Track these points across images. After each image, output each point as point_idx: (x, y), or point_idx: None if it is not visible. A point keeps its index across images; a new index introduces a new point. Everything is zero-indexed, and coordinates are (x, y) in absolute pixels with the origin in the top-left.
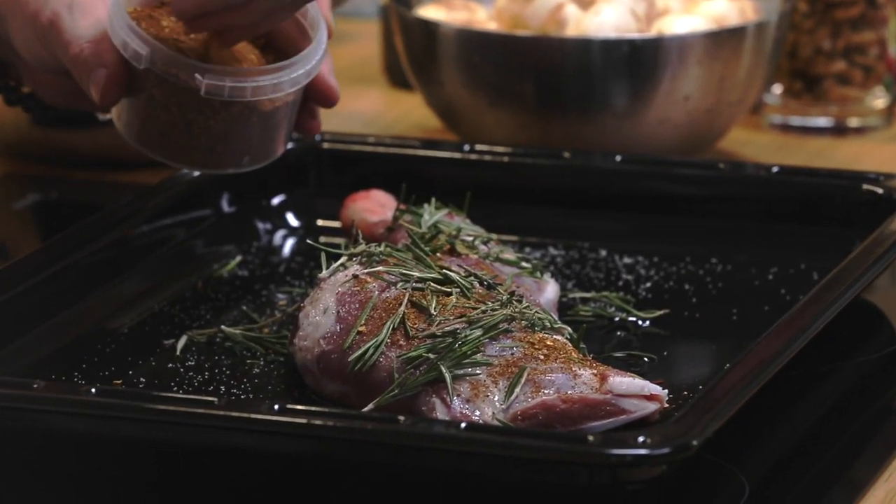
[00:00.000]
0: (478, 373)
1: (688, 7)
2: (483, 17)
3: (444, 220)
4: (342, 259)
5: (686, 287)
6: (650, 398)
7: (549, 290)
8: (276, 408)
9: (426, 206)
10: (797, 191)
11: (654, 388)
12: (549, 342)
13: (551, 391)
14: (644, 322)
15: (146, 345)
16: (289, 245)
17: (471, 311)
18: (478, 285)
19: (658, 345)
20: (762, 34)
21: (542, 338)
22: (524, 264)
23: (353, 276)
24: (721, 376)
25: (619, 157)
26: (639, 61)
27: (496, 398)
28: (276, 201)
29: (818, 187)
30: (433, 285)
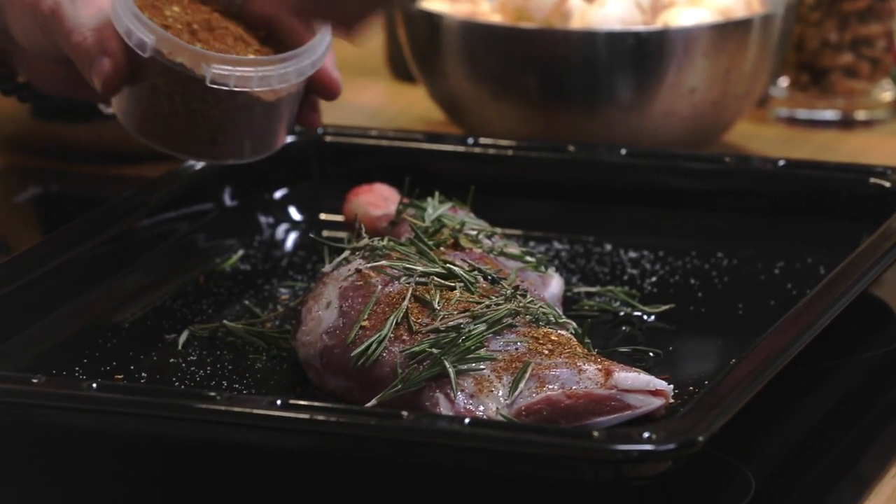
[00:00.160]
0: (482, 368)
1: None
2: (487, 10)
3: (447, 214)
4: (345, 253)
5: (692, 281)
6: (655, 393)
7: (554, 284)
8: (279, 403)
9: (429, 199)
10: (804, 184)
11: (660, 384)
12: (553, 337)
13: (556, 386)
14: (649, 317)
15: (148, 339)
16: (291, 239)
17: (475, 306)
18: (482, 280)
19: (663, 340)
20: (768, 26)
21: (547, 333)
22: (528, 258)
23: (357, 271)
24: (727, 371)
25: (623, 151)
26: (644, 54)
27: (500, 393)
28: (278, 195)
29: (825, 181)
30: (437, 280)
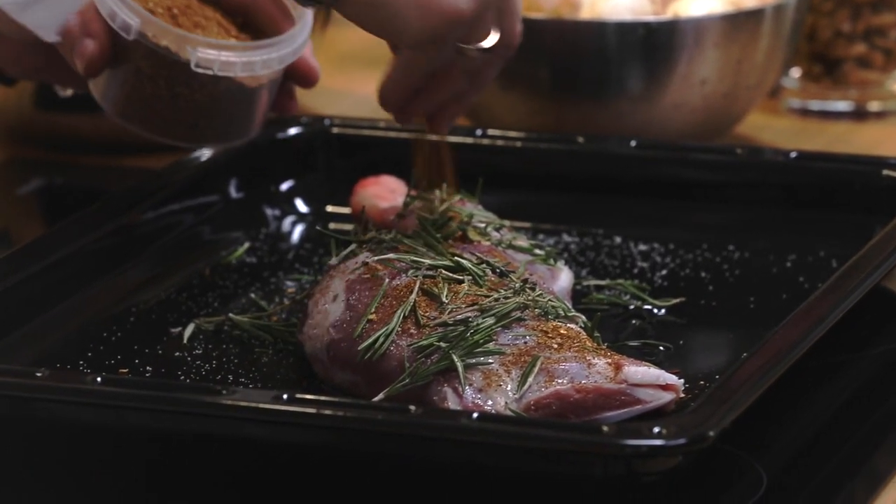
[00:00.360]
0: (490, 362)
1: None
2: None
3: (455, 207)
4: (352, 246)
5: (702, 275)
6: (666, 388)
7: (563, 277)
8: (285, 397)
9: (437, 191)
10: (816, 176)
11: (670, 378)
12: (562, 331)
13: (565, 381)
14: (660, 310)
15: (153, 333)
16: (298, 231)
17: (483, 299)
18: (490, 273)
19: (674, 333)
20: (780, 16)
21: (556, 326)
22: (537, 251)
23: (364, 264)
24: (738, 366)
25: (634, 143)
26: (654, 44)
27: (509, 388)
28: (284, 187)
29: (838, 173)
30: (445, 273)
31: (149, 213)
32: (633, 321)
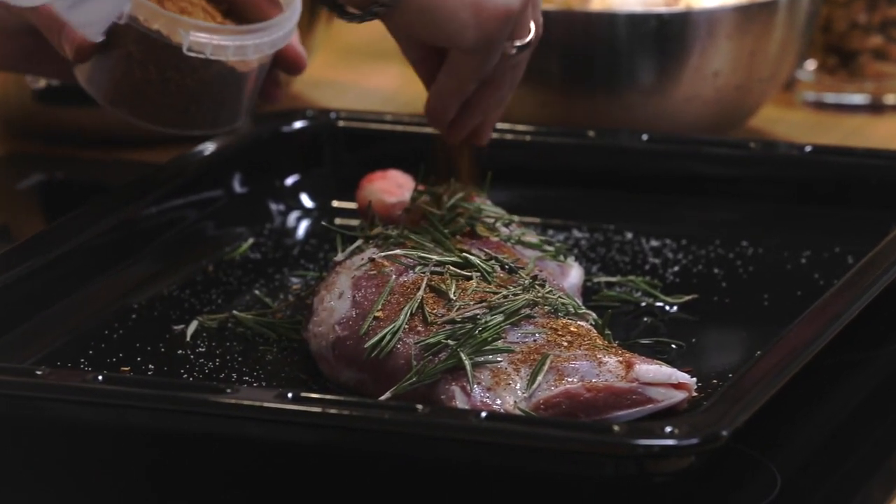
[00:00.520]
0: (499, 360)
1: None
2: None
3: (463, 202)
4: (358, 242)
5: (715, 271)
6: (678, 387)
7: (573, 274)
8: (290, 396)
9: (445, 186)
10: (831, 171)
11: (682, 377)
12: (572, 328)
13: (575, 379)
14: (672, 307)
15: (155, 330)
16: (303, 227)
17: (491, 296)
18: (499, 269)
19: (686, 331)
20: (795, 7)
21: (566, 324)
22: (547, 247)
23: (370, 260)
24: (752, 364)
25: (645, 136)
26: (666, 36)
27: (518, 386)
28: (289, 181)
29: (853, 167)
30: (452, 269)
31: (151, 208)
32: (645, 318)
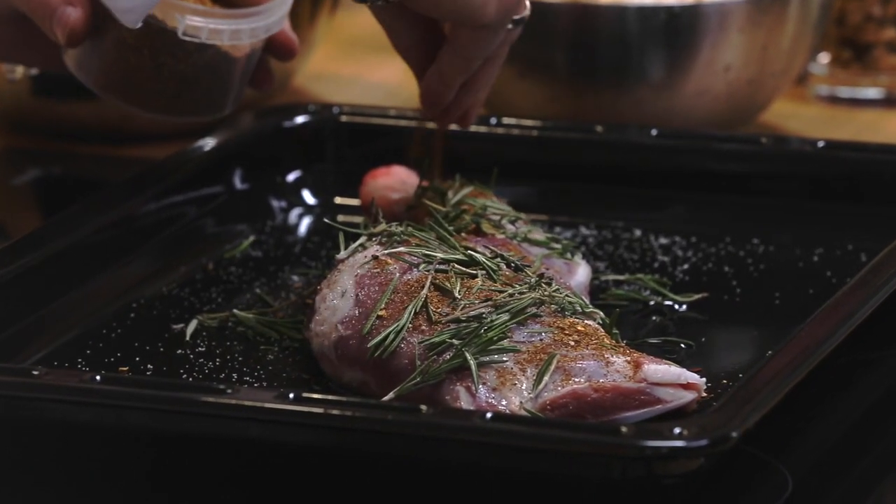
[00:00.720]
0: (504, 360)
1: None
2: None
3: (468, 198)
4: (361, 239)
5: (726, 269)
6: (687, 387)
7: (581, 272)
8: (292, 397)
9: (450, 182)
10: (845, 167)
11: (692, 377)
12: (580, 327)
13: (582, 379)
14: (681, 306)
15: (154, 330)
16: (305, 224)
17: (497, 295)
18: (504, 267)
19: (696, 330)
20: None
21: (573, 323)
22: (554, 245)
23: (373, 258)
24: (763, 364)
25: (655, 132)
26: (676, 29)
27: (524, 387)
28: (291, 178)
29: (867, 163)
30: (457, 267)
31: (150, 204)
32: (654, 317)
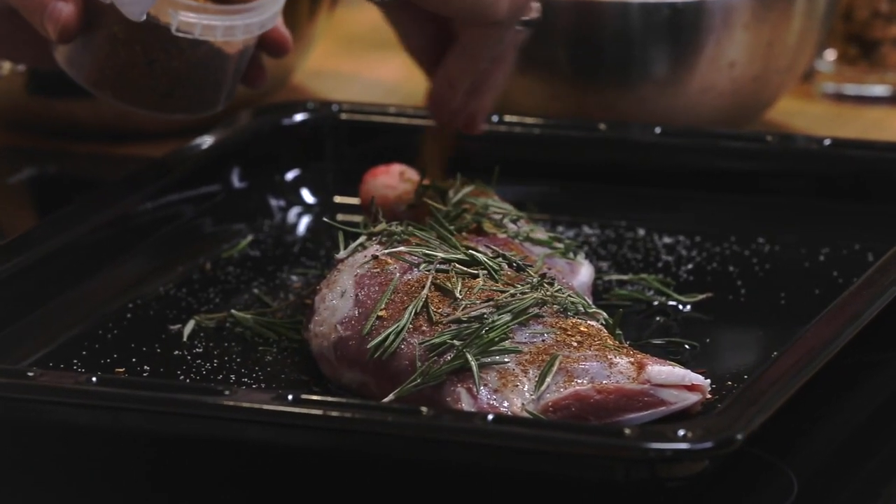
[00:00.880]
0: (506, 361)
1: None
2: None
3: (470, 197)
4: (361, 238)
5: (730, 269)
6: (691, 388)
7: (583, 272)
8: (290, 398)
9: (451, 181)
10: (851, 165)
11: (696, 378)
12: (582, 328)
13: (585, 381)
14: (685, 307)
15: (151, 330)
16: (304, 223)
17: (499, 295)
18: (506, 267)
19: (700, 331)
20: None
21: (576, 323)
22: (556, 244)
23: (373, 257)
24: (768, 365)
25: (658, 130)
26: (680, 25)
27: (526, 388)
28: (290, 176)
29: (874, 161)
30: (458, 267)
31: (147, 203)
32: (657, 318)
